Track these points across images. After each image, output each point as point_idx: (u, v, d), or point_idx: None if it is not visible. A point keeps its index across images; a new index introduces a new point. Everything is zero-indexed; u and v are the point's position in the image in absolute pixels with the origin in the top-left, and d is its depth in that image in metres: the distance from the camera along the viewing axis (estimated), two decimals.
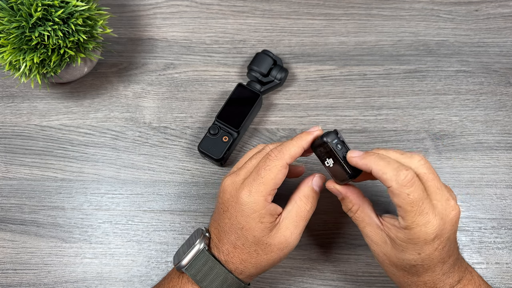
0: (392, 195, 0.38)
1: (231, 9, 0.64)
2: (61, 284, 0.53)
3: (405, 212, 0.37)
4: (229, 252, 0.43)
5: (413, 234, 0.38)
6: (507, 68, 0.61)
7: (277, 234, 0.42)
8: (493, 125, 0.58)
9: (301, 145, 0.42)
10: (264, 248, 0.42)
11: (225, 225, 0.43)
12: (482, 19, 0.63)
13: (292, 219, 0.42)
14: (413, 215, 0.37)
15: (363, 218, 0.42)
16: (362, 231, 0.43)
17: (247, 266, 0.42)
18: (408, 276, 0.41)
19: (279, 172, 0.41)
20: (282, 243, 0.42)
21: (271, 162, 0.41)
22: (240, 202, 0.41)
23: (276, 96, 0.60)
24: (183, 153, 0.58)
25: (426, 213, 0.37)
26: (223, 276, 0.42)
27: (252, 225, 0.41)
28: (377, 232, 0.41)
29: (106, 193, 0.56)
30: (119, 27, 0.63)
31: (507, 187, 0.56)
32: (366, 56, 0.61)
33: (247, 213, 0.41)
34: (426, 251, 0.38)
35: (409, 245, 0.38)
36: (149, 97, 0.60)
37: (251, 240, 0.42)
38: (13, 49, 0.49)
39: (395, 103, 0.59)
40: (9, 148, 0.58)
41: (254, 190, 0.41)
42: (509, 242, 0.54)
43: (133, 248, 0.54)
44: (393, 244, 0.40)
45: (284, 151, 0.41)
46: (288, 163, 0.41)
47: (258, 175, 0.41)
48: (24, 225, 0.55)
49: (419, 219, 0.37)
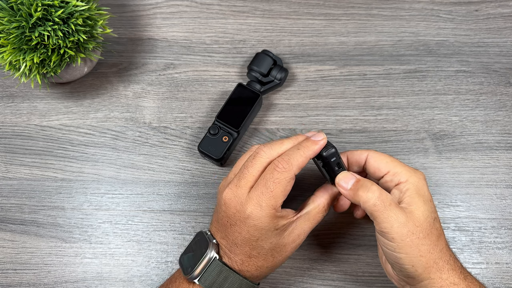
0: (373, 162, 0.45)
1: (231, 9, 0.64)
2: (61, 284, 0.53)
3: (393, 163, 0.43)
4: (243, 261, 0.42)
5: (413, 180, 0.42)
6: (507, 68, 0.61)
7: (292, 232, 0.43)
8: (493, 125, 0.58)
9: (308, 155, 0.42)
10: (280, 250, 0.42)
11: (236, 238, 0.42)
12: (482, 19, 0.63)
13: (309, 217, 0.43)
14: (401, 165, 0.43)
15: (386, 195, 0.41)
16: (385, 217, 0.39)
17: (263, 270, 0.43)
18: (437, 243, 0.40)
19: (288, 184, 0.41)
20: (295, 240, 0.43)
21: (280, 175, 0.40)
22: (251, 217, 0.41)
23: (276, 96, 0.60)
24: (183, 153, 0.58)
25: (404, 164, 0.44)
26: (238, 283, 0.42)
27: (268, 234, 0.41)
28: (400, 209, 0.40)
29: (106, 193, 0.56)
30: (119, 27, 0.63)
31: (507, 187, 0.56)
32: (366, 56, 0.61)
33: (260, 226, 0.41)
34: (429, 197, 0.42)
35: (420, 194, 0.41)
36: (149, 97, 0.60)
37: (268, 247, 0.42)
38: (13, 49, 0.49)
39: (395, 103, 0.59)
40: (9, 148, 0.58)
41: (264, 204, 0.40)
42: (509, 242, 0.54)
43: (133, 248, 0.54)
44: (411, 209, 0.40)
45: (293, 162, 0.41)
46: (295, 174, 0.41)
47: (266, 189, 0.40)
48: (24, 225, 0.55)
49: (407, 167, 0.43)
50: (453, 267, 0.41)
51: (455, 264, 0.41)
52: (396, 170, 0.43)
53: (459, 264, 0.42)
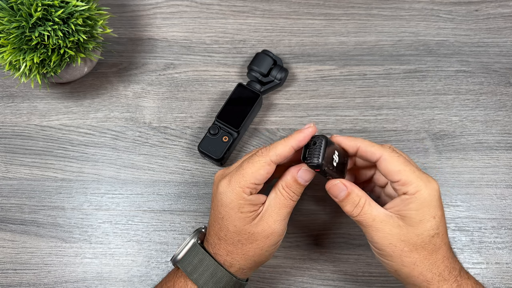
0: (384, 165, 0.40)
1: (231, 9, 0.64)
2: (61, 284, 0.53)
3: (404, 172, 0.39)
4: (215, 244, 0.43)
5: (424, 193, 0.39)
6: (507, 68, 0.61)
7: (260, 222, 0.42)
8: (493, 125, 0.58)
9: (289, 144, 0.41)
10: (247, 237, 0.42)
11: (211, 216, 0.44)
12: (482, 19, 0.63)
13: (275, 206, 0.42)
14: (413, 173, 0.39)
15: (370, 211, 0.40)
16: (371, 226, 0.40)
17: (235, 257, 0.42)
18: (428, 257, 0.40)
19: (261, 167, 0.41)
20: (266, 230, 0.42)
21: (255, 157, 0.41)
22: (219, 191, 0.42)
23: (276, 96, 0.60)
24: (183, 153, 0.58)
25: (421, 171, 0.41)
26: (212, 268, 0.42)
27: (231, 214, 0.41)
28: (388, 220, 0.40)
29: (106, 193, 0.56)
30: (119, 27, 0.63)
31: (507, 187, 0.56)
32: (366, 56, 0.61)
33: (225, 202, 0.41)
34: (438, 212, 0.40)
35: (424, 209, 0.39)
36: (149, 97, 0.60)
37: (232, 230, 0.42)
38: (13, 49, 0.49)
39: (395, 103, 0.59)
40: (9, 148, 0.58)
41: (233, 180, 0.41)
42: (509, 242, 0.54)
43: (133, 248, 0.54)
44: (407, 222, 0.40)
45: (271, 148, 0.41)
46: (273, 160, 0.41)
47: (240, 167, 0.41)
48: (24, 225, 0.55)
49: (420, 175, 0.40)
50: (446, 278, 0.40)
51: (449, 276, 0.40)
52: (408, 181, 0.40)
53: (454, 274, 0.41)
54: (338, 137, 0.43)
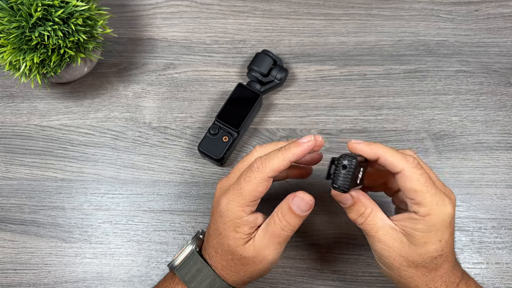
0: (403, 181, 0.37)
1: (231, 9, 0.64)
2: (61, 284, 0.53)
3: (421, 194, 0.37)
4: (212, 256, 0.42)
5: (434, 217, 0.37)
6: (507, 68, 0.61)
7: (251, 247, 0.40)
8: (493, 125, 0.58)
9: (287, 158, 0.39)
10: (238, 259, 0.41)
11: (210, 228, 0.43)
12: (482, 19, 0.63)
13: (267, 233, 0.40)
14: (430, 196, 0.37)
15: (375, 222, 0.39)
16: (374, 236, 0.39)
17: (228, 273, 0.42)
18: (427, 273, 0.39)
19: (259, 185, 0.39)
20: (256, 257, 0.40)
21: (252, 174, 0.39)
22: (219, 208, 0.41)
23: (276, 96, 0.60)
24: (183, 153, 0.58)
25: (439, 192, 0.37)
26: (211, 279, 0.42)
27: (227, 233, 0.40)
28: (392, 234, 0.39)
29: (106, 193, 0.56)
30: (119, 27, 0.63)
31: (507, 187, 0.56)
32: (366, 56, 0.61)
33: (224, 220, 0.41)
34: (446, 236, 0.38)
35: (431, 233, 0.37)
36: (149, 97, 0.60)
37: (226, 248, 0.41)
38: (13, 49, 0.49)
39: (395, 103, 0.59)
40: (9, 148, 0.58)
41: (231, 199, 0.40)
42: (509, 242, 0.54)
43: (133, 248, 0.54)
44: (411, 240, 0.38)
45: (267, 163, 0.39)
46: (269, 176, 0.39)
47: (238, 185, 0.40)
48: (24, 225, 0.55)
49: (436, 199, 0.37)
50: None
51: None
52: (421, 202, 0.37)
53: None
54: (358, 144, 0.39)
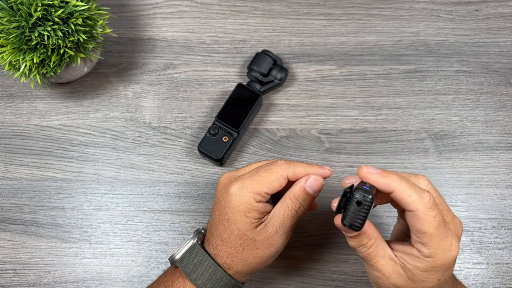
0: (414, 220, 0.35)
1: (231, 9, 0.64)
2: (61, 284, 0.53)
3: (430, 237, 0.35)
4: (217, 245, 0.43)
5: (437, 261, 0.35)
6: (507, 68, 0.60)
7: (263, 230, 0.42)
8: (493, 125, 0.58)
9: (309, 170, 0.42)
10: (249, 243, 0.42)
11: (215, 217, 0.43)
12: (482, 19, 0.63)
13: (279, 217, 0.42)
14: (439, 240, 0.35)
15: (377, 252, 0.38)
16: (373, 265, 0.38)
17: (234, 261, 0.42)
18: None
19: (277, 179, 0.41)
20: (267, 240, 0.42)
21: (274, 167, 0.42)
22: (229, 193, 0.42)
23: (276, 96, 0.60)
24: (183, 153, 0.58)
25: (448, 236, 0.35)
26: (212, 270, 0.42)
27: (237, 217, 0.41)
28: (391, 265, 0.38)
29: (106, 193, 0.56)
30: (119, 27, 0.63)
31: (507, 187, 0.56)
32: (366, 56, 0.61)
33: (233, 204, 0.41)
34: (446, 275, 0.37)
35: (431, 273, 0.36)
36: (149, 97, 0.60)
37: (236, 233, 0.42)
38: (13, 49, 0.49)
39: (395, 103, 0.59)
40: (9, 148, 0.58)
41: (246, 184, 0.41)
42: (509, 242, 0.53)
43: (133, 248, 0.54)
44: (409, 276, 0.37)
45: (291, 165, 0.42)
46: (289, 176, 0.42)
47: (256, 173, 0.42)
48: (24, 225, 0.55)
49: (444, 243, 0.35)
50: None
51: None
52: (427, 243, 0.35)
53: None
54: (371, 175, 0.36)
